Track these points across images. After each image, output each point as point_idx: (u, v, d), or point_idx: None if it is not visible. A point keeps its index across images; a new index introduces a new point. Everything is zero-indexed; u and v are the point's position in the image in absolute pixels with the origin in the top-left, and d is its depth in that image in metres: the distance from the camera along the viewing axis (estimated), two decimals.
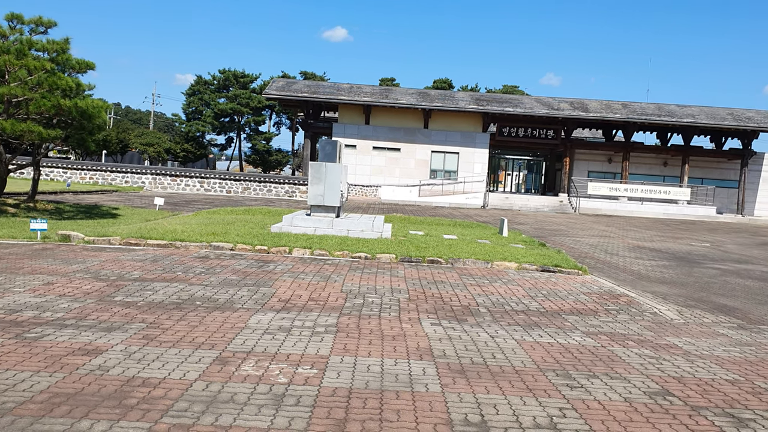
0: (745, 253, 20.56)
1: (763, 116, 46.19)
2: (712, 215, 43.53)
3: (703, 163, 47.93)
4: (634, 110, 45.53)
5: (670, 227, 32.74)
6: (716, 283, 12.94)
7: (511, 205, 42.47)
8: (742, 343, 7.50)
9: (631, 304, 9.50)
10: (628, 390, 5.29)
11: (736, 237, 28.28)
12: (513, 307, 8.60)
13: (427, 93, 47.52)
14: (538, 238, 20.01)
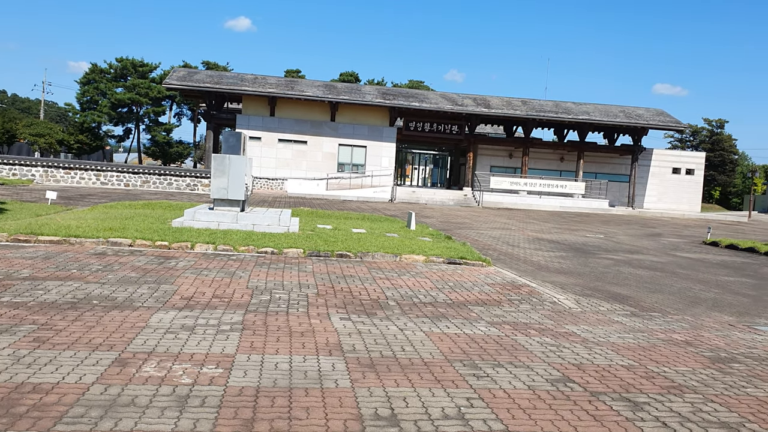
0: (635, 243, 21.78)
1: (652, 114, 49.08)
2: (605, 208, 45.86)
3: (597, 158, 50.40)
4: (533, 107, 47.24)
5: (567, 220, 34.23)
6: (610, 272, 13.62)
7: (418, 198, 43.08)
8: (635, 329, 7.92)
9: (532, 294, 9.84)
10: (531, 378, 5.46)
11: (628, 228, 29.93)
12: (421, 299, 8.71)
13: (333, 86, 47.36)
14: (445, 231, 20.40)
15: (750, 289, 12.48)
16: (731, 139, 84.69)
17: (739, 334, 8.08)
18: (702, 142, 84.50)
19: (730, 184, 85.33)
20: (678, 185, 51.36)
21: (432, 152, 55.14)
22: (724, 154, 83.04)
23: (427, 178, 58.95)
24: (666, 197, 51.07)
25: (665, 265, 15.83)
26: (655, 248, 20.47)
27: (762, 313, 9.97)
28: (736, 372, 6.16)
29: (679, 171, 51.48)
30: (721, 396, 5.33)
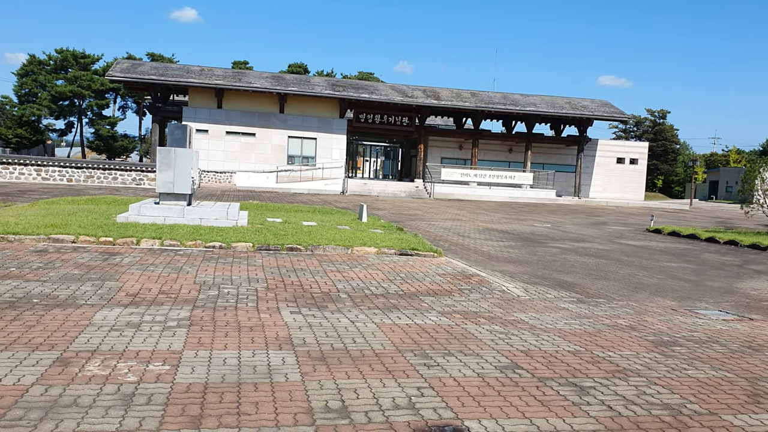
0: (581, 232, 22.28)
1: (597, 105, 50.18)
2: (552, 198, 46.75)
3: (544, 149, 51.30)
4: (482, 99, 47.74)
5: (516, 210, 34.77)
6: (557, 260, 13.89)
7: (369, 190, 43.09)
8: (581, 316, 8.10)
9: (482, 283, 9.96)
10: (480, 366, 5.52)
11: (574, 218, 30.59)
12: (373, 291, 8.71)
13: (282, 77, 46.89)
14: (396, 222, 20.46)
15: (691, 275, 12.91)
16: (673, 129, 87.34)
17: (681, 318, 8.35)
18: (645, 132, 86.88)
19: (673, 173, 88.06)
20: (622, 175, 52.71)
21: (383, 144, 55.21)
22: (667, 144, 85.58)
23: (378, 170, 59.03)
24: (611, 186, 52.37)
25: (610, 252, 16.24)
26: (601, 236, 20.97)
27: (702, 298, 10.32)
28: (678, 355, 6.36)
29: (623, 161, 52.83)
30: (664, 378, 5.50)
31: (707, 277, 12.73)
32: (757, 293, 11.00)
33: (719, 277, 12.81)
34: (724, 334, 7.47)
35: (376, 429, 4.01)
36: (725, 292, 11.02)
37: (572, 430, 4.19)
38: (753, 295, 10.84)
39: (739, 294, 10.84)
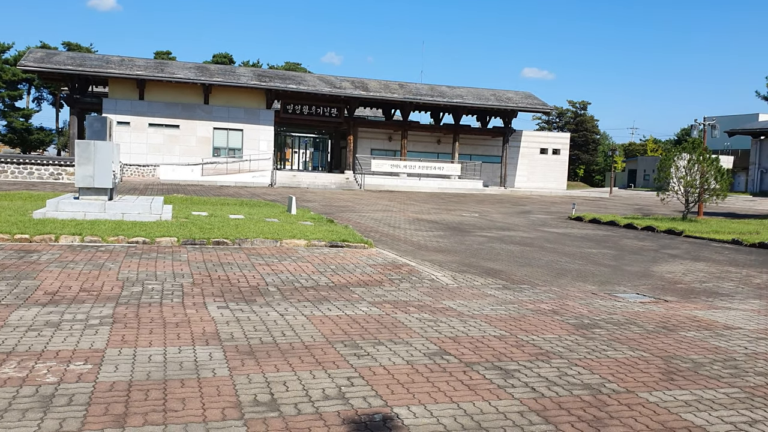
0: (507, 221, 22.83)
1: (521, 97, 51.38)
2: (480, 188, 47.66)
3: (471, 140, 52.20)
4: (410, 90, 48.10)
5: (445, 200, 35.28)
6: (484, 249, 14.20)
7: (299, 182, 42.77)
8: (506, 301, 8.32)
9: (412, 272, 10.08)
10: (410, 353, 5.61)
11: (500, 207, 31.30)
12: (303, 283, 8.68)
13: (206, 67, 45.86)
14: (327, 214, 20.41)
15: (611, 260, 13.44)
16: (593, 120, 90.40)
17: (600, 302, 8.69)
18: (567, 123, 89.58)
19: (593, 163, 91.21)
20: (546, 165, 54.25)
21: (312, 135, 54.87)
22: (588, 135, 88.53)
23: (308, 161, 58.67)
24: (535, 176, 53.82)
25: (534, 240, 16.71)
26: (526, 225, 21.55)
27: (621, 282, 10.77)
28: (597, 337, 6.63)
29: (546, 151, 54.37)
30: (585, 360, 5.72)
31: (626, 261, 13.28)
32: (671, 276, 11.56)
33: (637, 261, 13.39)
34: (641, 316, 7.83)
35: (306, 420, 4.02)
36: (642, 275, 11.53)
37: (497, 412, 4.32)
38: (668, 278, 11.39)
39: (656, 277, 11.37)
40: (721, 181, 25.17)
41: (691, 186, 25.52)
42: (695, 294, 9.77)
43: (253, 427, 3.88)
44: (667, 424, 4.25)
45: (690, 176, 25.47)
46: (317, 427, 3.92)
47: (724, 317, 7.98)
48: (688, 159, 25.58)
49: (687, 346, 6.39)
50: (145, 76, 41.02)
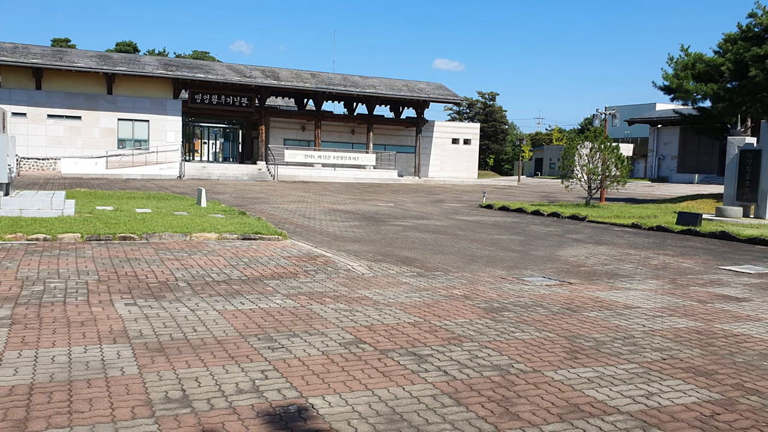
0: (421, 210, 23.18)
1: (432, 88, 52.14)
2: (394, 178, 48.12)
3: (385, 130, 52.56)
4: (323, 80, 47.87)
5: (360, 190, 35.41)
6: (399, 238, 14.38)
7: (209, 174, 41.80)
8: (421, 288, 8.48)
9: (328, 263, 10.09)
10: (325, 344, 5.63)
11: (415, 196, 31.72)
12: (214, 278, 8.53)
13: (109, 56, 43.99)
14: (239, 206, 20.07)
15: (519, 245, 13.91)
16: (502, 111, 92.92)
17: (509, 286, 9.00)
18: (477, 114, 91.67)
19: (503, 152, 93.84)
20: (457, 154, 55.38)
21: (222, 125, 53.69)
22: (497, 125, 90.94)
23: (218, 152, 57.36)
24: (447, 166, 54.86)
25: (447, 228, 17.06)
26: (439, 213, 21.95)
27: (528, 266, 11.17)
28: (506, 319, 6.87)
29: (458, 141, 55.49)
30: (494, 342, 5.92)
31: (533, 247, 13.78)
32: (575, 260, 12.09)
33: (543, 246, 13.91)
34: (547, 298, 8.16)
35: (219, 415, 3.98)
36: (548, 259, 12.00)
37: (411, 396, 4.42)
38: (572, 261, 11.90)
39: (561, 261, 11.86)
40: (621, 168, 26.47)
41: (594, 173, 26.70)
42: (597, 276, 10.26)
43: (165, 424, 3.80)
44: (571, 401, 4.47)
45: (592, 164, 26.64)
46: (231, 421, 3.89)
47: (624, 297, 8.43)
48: (590, 147, 26.74)
49: (590, 326, 6.73)
50: (42, 64, 38.91)
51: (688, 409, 4.39)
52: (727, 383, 4.99)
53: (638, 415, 4.25)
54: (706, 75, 30.07)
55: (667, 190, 45.35)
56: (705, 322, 7.12)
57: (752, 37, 29.14)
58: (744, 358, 5.71)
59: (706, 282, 9.87)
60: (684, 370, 5.30)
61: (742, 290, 9.22)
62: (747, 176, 21.23)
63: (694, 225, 17.66)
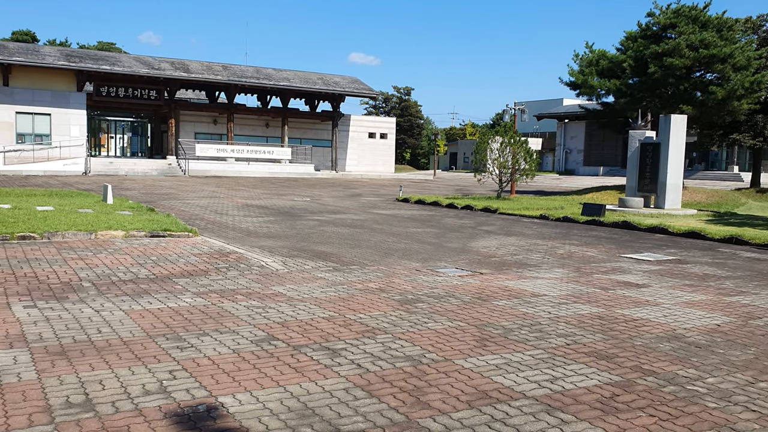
0: (338, 204, 23.17)
1: (347, 81, 52.09)
2: (311, 172, 47.81)
3: (300, 124, 52.11)
4: (235, 73, 46.94)
5: (276, 185, 35.00)
6: (315, 233, 14.32)
7: (116, 170, 40.23)
8: (336, 283, 8.48)
9: (240, 260, 9.93)
10: (236, 342, 5.55)
11: (332, 191, 31.65)
12: (120, 277, 8.24)
13: (4, 45, 41.52)
14: (148, 203, 19.43)
15: (433, 238, 14.13)
16: (417, 106, 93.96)
17: (423, 278, 9.14)
18: (393, 108, 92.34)
19: (419, 147, 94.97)
20: (374, 148, 55.62)
21: (130, 119, 51.74)
22: (412, 119, 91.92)
23: (126, 147, 55.25)
24: (364, 160, 55.02)
25: (364, 222, 17.13)
26: (356, 207, 22.01)
27: (442, 258, 11.37)
28: (420, 311, 6.98)
29: (374, 135, 55.72)
30: (407, 333, 6.01)
31: (447, 239, 14.04)
32: (487, 250, 12.41)
33: (457, 238, 14.20)
34: (459, 289, 8.35)
35: (125, 418, 3.85)
36: (461, 251, 12.26)
37: (324, 391, 4.42)
38: (484, 252, 12.21)
39: (473, 252, 12.14)
40: (530, 161, 27.34)
41: (504, 167, 27.46)
42: (507, 266, 10.57)
43: (66, 429, 3.65)
44: (480, 388, 4.60)
45: (503, 158, 27.38)
46: (137, 423, 3.78)
47: (532, 286, 8.73)
48: (500, 142, 27.46)
49: (499, 314, 6.93)
50: None
51: (590, 392, 4.60)
52: (626, 366, 5.26)
53: (543, 399, 4.42)
54: (609, 71, 31.43)
55: (574, 182, 47.23)
56: (607, 308, 7.48)
57: (651, 36, 30.69)
58: (642, 342, 6.03)
59: (609, 270, 10.36)
60: (587, 354, 5.55)
61: (642, 277, 9.73)
62: (647, 168, 22.39)
63: (598, 215, 18.47)
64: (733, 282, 9.44)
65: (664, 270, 10.44)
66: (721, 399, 4.54)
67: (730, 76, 28.68)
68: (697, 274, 10.12)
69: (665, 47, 28.88)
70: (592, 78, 31.52)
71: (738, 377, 5.04)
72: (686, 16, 29.80)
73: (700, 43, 28.72)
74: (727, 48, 28.45)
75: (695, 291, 8.67)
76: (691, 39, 28.68)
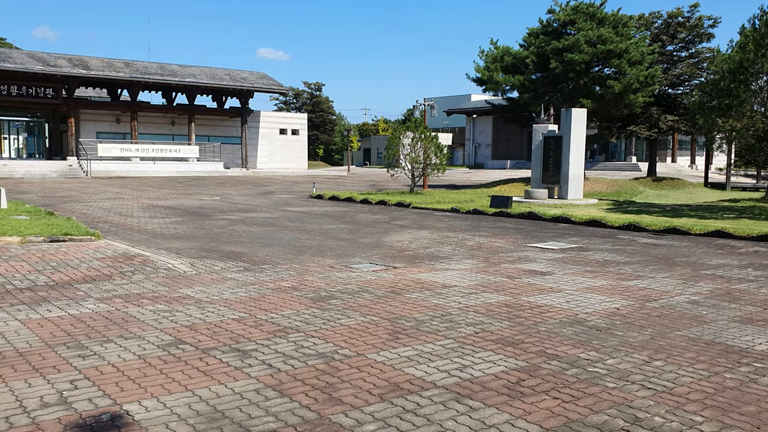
0: (250, 202, 22.81)
1: (256, 77, 51.30)
2: (220, 170, 46.83)
3: (208, 121, 50.95)
4: (138, 69, 45.34)
5: (183, 184, 34.08)
6: (225, 232, 14.05)
7: (11, 172, 38.03)
8: (247, 283, 8.36)
9: (146, 263, 9.62)
10: (142, 347, 5.37)
11: (243, 189, 31.13)
12: (17, 285, 7.81)
13: None
14: (47, 206, 18.48)
15: (348, 234, 14.16)
16: (329, 101, 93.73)
17: (337, 274, 9.14)
18: (304, 104, 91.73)
19: (332, 143, 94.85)
20: (286, 145, 55.10)
21: (25, 119, 48.99)
22: (324, 115, 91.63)
23: (22, 148, 52.30)
24: (276, 157, 54.41)
25: (277, 220, 16.95)
26: (268, 205, 21.74)
27: (356, 253, 11.42)
28: (333, 307, 6.98)
29: (285, 132, 55.21)
30: (320, 330, 6.00)
31: (361, 234, 14.10)
32: (400, 245, 12.55)
33: (371, 233, 14.29)
34: (373, 283, 8.41)
35: None
36: (376, 246, 12.35)
37: (234, 393, 4.35)
38: (397, 246, 12.34)
39: (386, 247, 12.25)
40: (441, 156, 27.86)
41: (416, 162, 27.86)
42: (420, 259, 10.74)
43: None
44: (391, 380, 4.66)
45: (414, 153, 27.77)
46: None
47: (443, 278, 8.91)
48: (412, 137, 27.84)
49: (411, 307, 7.03)
50: None
51: (497, 378, 4.75)
52: (531, 351, 5.46)
53: (453, 388, 4.52)
54: (514, 67, 32.44)
55: (483, 176, 48.49)
56: (513, 296, 7.73)
57: (552, 32, 31.89)
58: (547, 327, 6.27)
59: (515, 259, 10.71)
60: (494, 341, 5.72)
61: (546, 265, 10.12)
62: (551, 161, 23.27)
63: (505, 207, 19.04)
64: (631, 267, 9.96)
65: (567, 258, 10.89)
66: (620, 379, 4.79)
67: (626, 71, 30.21)
68: (598, 260, 10.62)
69: (565, 43, 30.08)
70: (498, 74, 32.44)
71: (635, 357, 5.32)
72: (584, 12, 31.14)
73: (597, 39, 30.08)
74: (623, 44, 29.94)
75: (596, 277, 9.09)
76: (589, 35, 29.98)
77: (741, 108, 21.53)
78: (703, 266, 10.08)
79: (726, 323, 6.52)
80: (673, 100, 37.03)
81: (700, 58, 36.63)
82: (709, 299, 7.66)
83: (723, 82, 21.51)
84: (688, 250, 11.98)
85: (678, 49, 37.71)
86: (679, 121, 36.25)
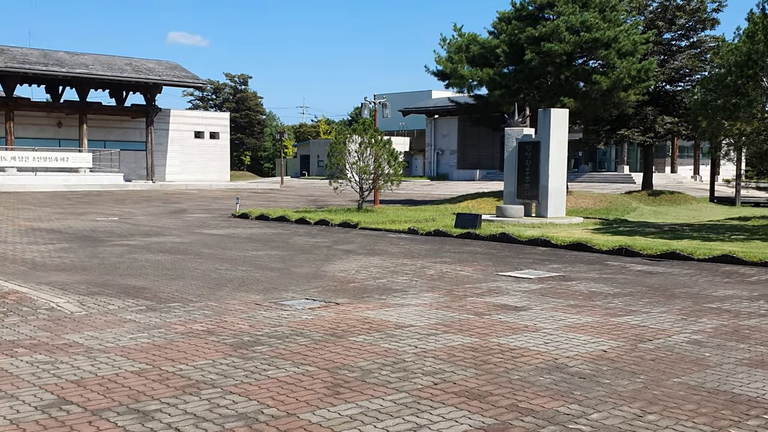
0: (156, 224, 22.54)
1: (165, 68, 50.92)
2: (120, 183, 46.17)
3: (104, 122, 50.27)
4: (15, 57, 44.51)
5: (73, 201, 33.46)
6: (124, 262, 13.85)
7: None
8: (150, 326, 8.25)
9: (22, 301, 9.43)
10: (15, 410, 5.25)
11: (147, 206, 30.74)
12: None
13: None
14: None
15: (279, 262, 14.13)
16: (257, 98, 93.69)
17: (265, 313, 9.10)
18: (226, 101, 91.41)
19: (261, 148, 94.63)
20: (203, 151, 54.73)
21: None
22: (251, 115, 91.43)
23: None
24: (190, 166, 53.95)
25: (189, 245, 16.79)
26: (179, 227, 21.52)
27: (290, 287, 11.39)
28: (258, 355, 6.95)
29: (202, 135, 54.86)
30: (241, 385, 5.96)
31: (296, 263, 14.08)
32: (344, 275, 12.58)
33: (308, 261, 14.28)
34: (309, 324, 8.40)
35: None
36: (314, 277, 12.35)
37: None
38: (340, 277, 12.37)
39: (328, 278, 12.27)
40: (395, 165, 28.05)
41: (365, 172, 27.97)
42: (368, 292, 10.78)
43: None
44: None
45: (363, 161, 27.88)
46: None
47: (396, 315, 8.96)
48: (360, 142, 27.95)
49: (356, 353, 7.05)
50: None
51: None
52: (501, 405, 5.53)
53: None
54: (482, 58, 32.98)
55: (447, 189, 49.05)
56: (481, 336, 7.82)
57: (526, 17, 32.56)
58: (520, 375, 6.36)
59: (485, 291, 10.84)
60: (457, 394, 5.77)
61: (521, 298, 10.27)
62: (527, 171, 23.69)
63: (473, 227, 19.28)
64: (621, 300, 10.20)
65: (545, 289, 11.08)
66: None
67: (616, 63, 31.01)
68: (583, 292, 10.84)
69: (543, 30, 30.74)
70: (463, 66, 32.91)
71: (625, 410, 5.44)
72: None
73: (581, 26, 30.84)
74: (611, 31, 30.77)
75: (580, 312, 9.27)
76: (571, 21, 30.72)
77: (750, 108, 22.27)
78: (707, 298, 10.39)
79: (733, 367, 6.73)
80: (671, 99, 38.13)
81: (702, 48, 37.80)
82: (714, 338, 7.89)
83: (729, 77, 22.21)
84: (689, 278, 12.34)
85: (677, 38, 38.97)
86: (678, 124, 37.33)
